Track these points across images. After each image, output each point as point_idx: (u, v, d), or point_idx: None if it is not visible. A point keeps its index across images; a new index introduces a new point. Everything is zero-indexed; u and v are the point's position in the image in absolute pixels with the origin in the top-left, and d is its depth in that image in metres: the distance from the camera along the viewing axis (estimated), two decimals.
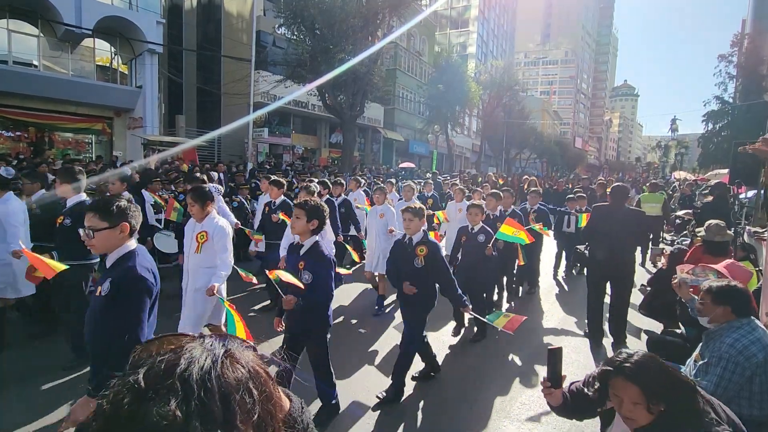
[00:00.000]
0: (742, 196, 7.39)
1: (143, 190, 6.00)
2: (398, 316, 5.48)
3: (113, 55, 16.23)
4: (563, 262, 7.72)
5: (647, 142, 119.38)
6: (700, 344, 2.51)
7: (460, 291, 3.62)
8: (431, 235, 3.72)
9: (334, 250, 4.97)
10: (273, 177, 6.10)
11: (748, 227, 6.01)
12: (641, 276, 7.04)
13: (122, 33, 15.28)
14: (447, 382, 3.84)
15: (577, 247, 6.10)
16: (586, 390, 1.82)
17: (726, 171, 11.69)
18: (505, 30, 58.45)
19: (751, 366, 2.21)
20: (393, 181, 9.01)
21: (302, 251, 2.93)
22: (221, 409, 0.48)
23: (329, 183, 6.78)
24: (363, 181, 9.17)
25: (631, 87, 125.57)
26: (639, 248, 7.58)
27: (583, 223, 6.36)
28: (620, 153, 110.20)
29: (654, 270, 6.86)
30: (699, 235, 4.36)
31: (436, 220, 7.57)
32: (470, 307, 3.64)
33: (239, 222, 5.79)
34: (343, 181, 6.91)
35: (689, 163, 48.69)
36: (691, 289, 3.01)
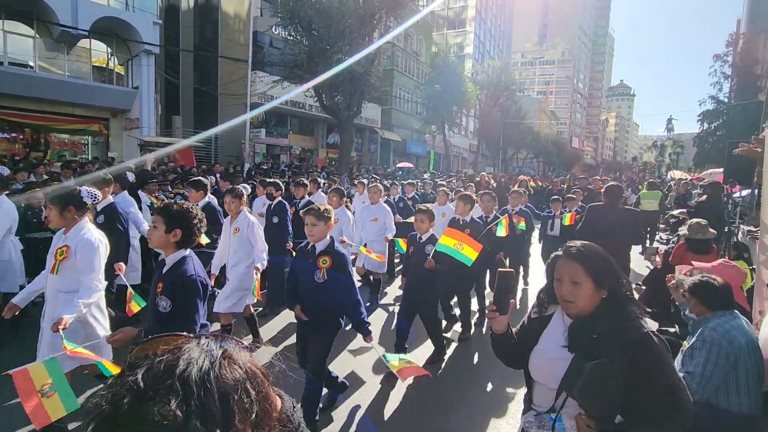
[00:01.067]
0: (736, 195, 7.44)
1: (139, 191, 5.99)
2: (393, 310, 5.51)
3: (109, 56, 16.17)
4: None
5: (643, 142, 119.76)
6: (689, 335, 2.63)
7: (365, 316, 3.08)
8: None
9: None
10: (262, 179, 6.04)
11: (742, 226, 6.06)
12: (638, 274, 7.09)
13: (118, 34, 15.22)
14: (444, 382, 3.86)
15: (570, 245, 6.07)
16: (531, 314, 1.72)
17: (721, 170, 11.78)
18: (502, 30, 58.55)
19: (734, 350, 2.30)
20: (365, 182, 8.34)
21: (164, 269, 2.29)
22: (220, 408, 0.48)
23: (281, 184, 6.20)
24: (323, 182, 8.69)
25: (628, 87, 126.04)
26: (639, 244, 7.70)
27: (567, 222, 6.36)
28: (617, 152, 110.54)
29: (649, 268, 6.90)
30: (681, 233, 4.41)
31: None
32: (371, 335, 3.11)
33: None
34: (306, 182, 6.48)
35: (685, 163, 48.92)
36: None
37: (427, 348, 4.33)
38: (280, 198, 5.62)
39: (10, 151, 13.49)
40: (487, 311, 1.71)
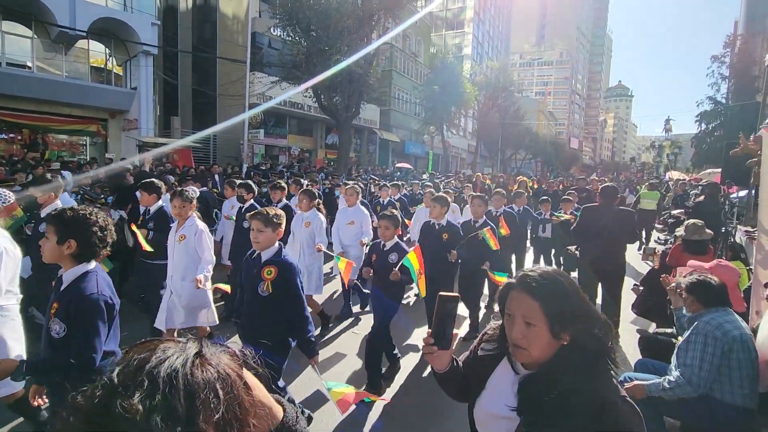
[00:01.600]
0: (733, 195, 7.47)
1: (137, 192, 5.97)
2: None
3: (108, 57, 16.15)
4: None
5: (641, 143, 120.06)
6: (684, 331, 2.74)
7: (312, 334, 2.79)
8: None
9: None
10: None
11: (739, 227, 6.09)
12: (635, 275, 7.10)
13: (117, 34, 15.21)
14: None
15: (568, 248, 5.94)
16: (477, 349, 1.37)
17: (719, 171, 11.85)
18: (501, 31, 58.65)
19: (728, 340, 2.38)
20: (348, 183, 7.72)
21: (61, 287, 1.95)
22: (185, 407, 0.49)
23: (253, 186, 5.64)
24: (304, 182, 8.37)
25: (626, 88, 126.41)
26: (636, 243, 7.73)
27: (562, 217, 6.49)
28: (615, 153, 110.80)
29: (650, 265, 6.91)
30: (677, 234, 4.46)
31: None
32: (317, 357, 2.86)
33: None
34: (284, 185, 5.99)
35: (683, 163, 49.08)
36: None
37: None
38: (252, 201, 5.27)
39: (8, 151, 13.47)
40: (422, 346, 1.28)
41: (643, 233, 9.94)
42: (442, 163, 33.45)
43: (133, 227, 4.16)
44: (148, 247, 3.92)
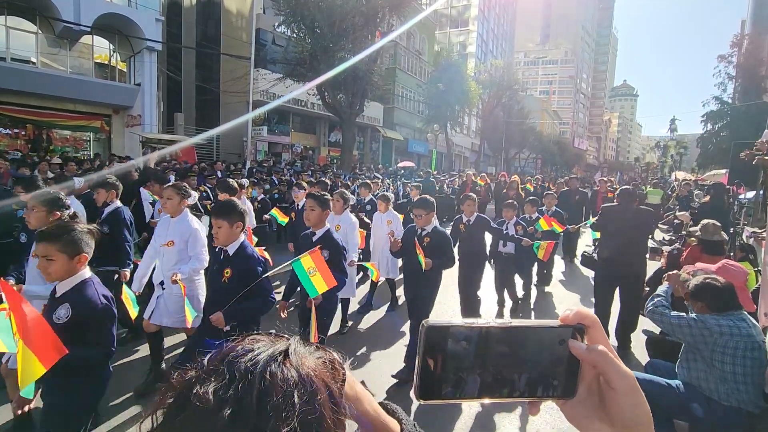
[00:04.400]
0: (741, 196, 7.40)
1: (141, 188, 5.97)
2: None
3: (112, 53, 16.17)
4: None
5: (646, 142, 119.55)
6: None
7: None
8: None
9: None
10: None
11: (747, 228, 6.03)
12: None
13: (121, 30, 15.22)
14: None
15: (585, 250, 5.47)
16: None
17: (724, 171, 11.84)
18: (505, 29, 58.42)
19: (713, 333, 2.42)
20: (327, 181, 7.41)
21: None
22: (256, 407, 0.44)
23: (235, 186, 5.17)
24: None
25: (631, 87, 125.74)
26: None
27: (544, 227, 5.70)
28: (619, 153, 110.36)
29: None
30: (695, 234, 4.38)
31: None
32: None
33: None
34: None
35: (688, 164, 48.82)
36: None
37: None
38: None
39: (12, 147, 13.52)
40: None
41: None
42: (445, 162, 33.39)
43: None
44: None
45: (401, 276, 4.59)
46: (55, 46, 14.64)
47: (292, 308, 4.88)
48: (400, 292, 6.05)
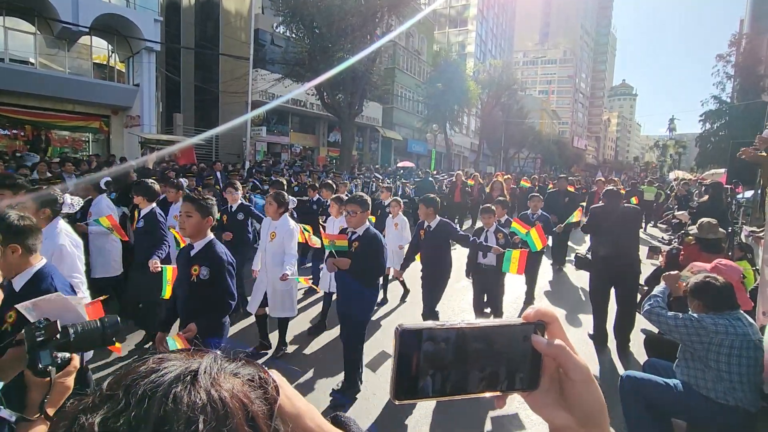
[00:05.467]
0: (739, 195, 7.41)
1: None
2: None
3: (110, 53, 16.15)
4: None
5: (645, 142, 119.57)
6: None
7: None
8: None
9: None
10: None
11: (745, 227, 6.03)
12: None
13: (119, 31, 15.20)
14: None
15: (577, 252, 5.35)
16: None
17: (723, 171, 11.84)
18: (504, 29, 58.42)
19: (710, 333, 2.43)
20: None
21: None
22: None
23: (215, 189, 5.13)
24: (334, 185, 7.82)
25: (630, 87, 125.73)
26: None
27: (537, 245, 5.08)
28: (618, 152, 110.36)
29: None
30: (692, 233, 4.41)
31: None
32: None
33: None
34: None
35: (687, 163, 48.89)
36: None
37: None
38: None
39: (10, 147, 13.49)
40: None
41: (643, 218, 11.63)
42: (444, 162, 33.38)
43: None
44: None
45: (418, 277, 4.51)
46: (54, 47, 14.62)
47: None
48: (400, 288, 6.08)
